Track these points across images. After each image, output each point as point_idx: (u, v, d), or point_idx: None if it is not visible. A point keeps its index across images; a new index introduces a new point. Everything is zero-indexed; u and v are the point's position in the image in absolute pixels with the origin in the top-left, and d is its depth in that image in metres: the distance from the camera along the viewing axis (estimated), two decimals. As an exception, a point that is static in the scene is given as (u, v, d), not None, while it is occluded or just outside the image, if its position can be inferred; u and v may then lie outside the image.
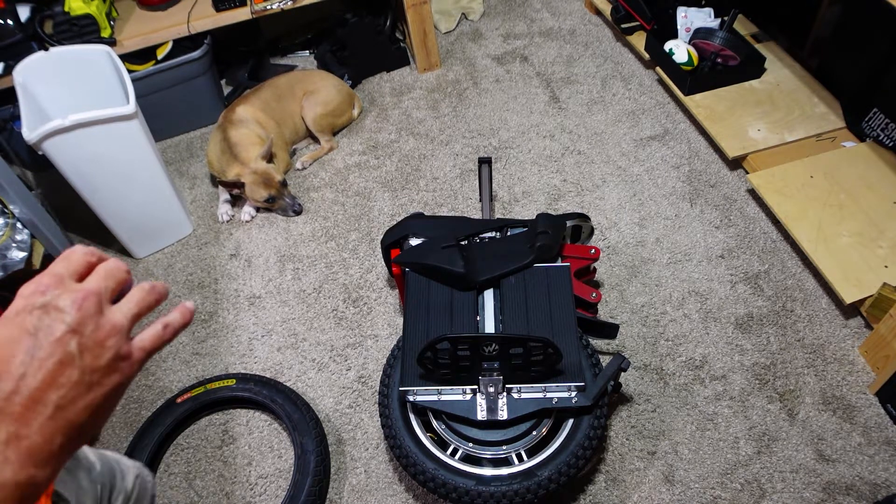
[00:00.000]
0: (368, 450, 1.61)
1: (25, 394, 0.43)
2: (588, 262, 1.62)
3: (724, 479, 1.48)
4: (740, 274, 1.84)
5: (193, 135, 2.54)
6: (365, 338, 1.83)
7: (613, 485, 1.49)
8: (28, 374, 0.44)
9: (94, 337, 0.46)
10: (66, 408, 0.45)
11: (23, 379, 0.43)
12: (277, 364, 1.81)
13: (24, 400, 0.43)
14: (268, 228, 2.17)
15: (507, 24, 2.77)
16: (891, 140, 1.94)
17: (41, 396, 0.44)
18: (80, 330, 0.46)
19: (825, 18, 2.15)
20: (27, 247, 1.86)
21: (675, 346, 1.71)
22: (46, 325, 0.45)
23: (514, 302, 1.46)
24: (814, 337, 1.69)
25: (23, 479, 0.42)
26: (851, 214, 1.80)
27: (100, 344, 0.47)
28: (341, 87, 2.40)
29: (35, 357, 0.44)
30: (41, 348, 0.44)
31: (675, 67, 2.23)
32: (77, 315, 0.46)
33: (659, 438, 1.55)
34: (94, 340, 0.46)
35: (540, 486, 1.29)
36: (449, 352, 1.29)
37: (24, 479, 0.42)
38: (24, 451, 0.42)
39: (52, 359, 0.44)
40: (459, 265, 1.49)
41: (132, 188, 1.95)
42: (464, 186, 2.17)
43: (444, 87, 2.54)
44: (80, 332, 0.46)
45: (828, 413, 1.56)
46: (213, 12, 2.30)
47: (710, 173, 2.10)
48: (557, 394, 1.35)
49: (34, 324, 0.45)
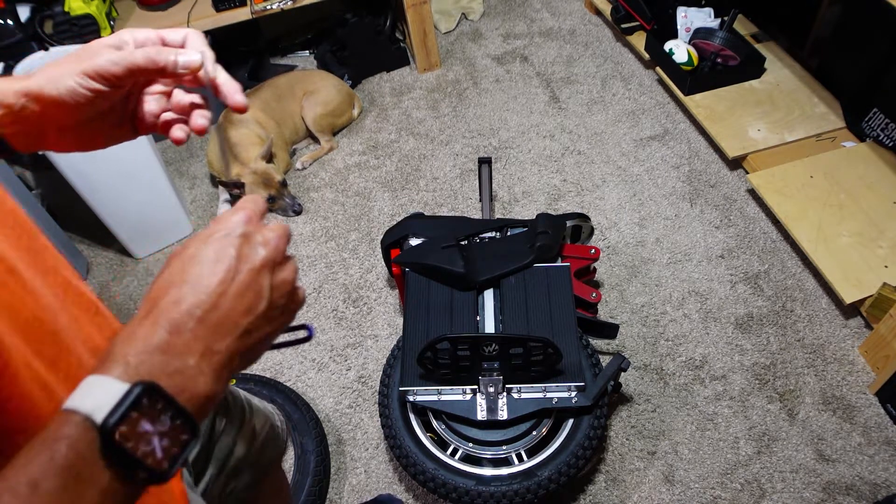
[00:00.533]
0: (368, 450, 1.61)
1: (222, 312, 0.45)
2: (588, 262, 1.61)
3: (724, 479, 1.48)
4: (740, 274, 1.84)
5: (193, 134, 2.54)
6: (365, 338, 1.83)
7: (613, 485, 1.49)
8: (227, 295, 0.46)
9: (282, 277, 0.49)
10: (251, 334, 0.47)
11: (222, 297, 0.45)
12: (277, 364, 1.81)
13: (220, 318, 0.45)
14: (268, 228, 2.16)
15: (507, 24, 2.77)
16: (891, 140, 1.94)
17: (235, 319, 0.46)
18: (273, 267, 0.49)
19: (825, 18, 2.15)
20: (27, 247, 1.86)
21: (675, 346, 1.71)
22: (247, 254, 0.48)
23: (514, 302, 1.46)
24: (814, 337, 1.69)
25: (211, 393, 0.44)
26: (851, 214, 1.80)
27: (284, 284, 0.50)
28: (341, 87, 2.40)
29: (235, 281, 0.46)
30: (241, 273, 0.47)
31: (675, 67, 2.23)
32: (273, 253, 0.49)
33: (659, 438, 1.55)
34: (280, 280, 0.49)
35: (540, 486, 1.29)
36: (449, 352, 1.29)
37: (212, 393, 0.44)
38: (214, 366, 0.44)
39: (250, 286, 0.47)
40: (459, 265, 1.49)
41: (132, 188, 1.95)
42: (464, 186, 2.17)
43: (444, 87, 2.54)
44: (273, 269, 0.49)
45: (828, 413, 1.56)
46: (212, 12, 2.30)
47: (710, 173, 2.10)
48: (557, 394, 1.35)
49: (237, 250, 0.47)
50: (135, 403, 0.39)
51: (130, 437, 0.39)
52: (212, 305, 0.45)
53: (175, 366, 0.42)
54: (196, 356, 0.43)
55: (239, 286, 0.46)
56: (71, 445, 0.38)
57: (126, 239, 2.06)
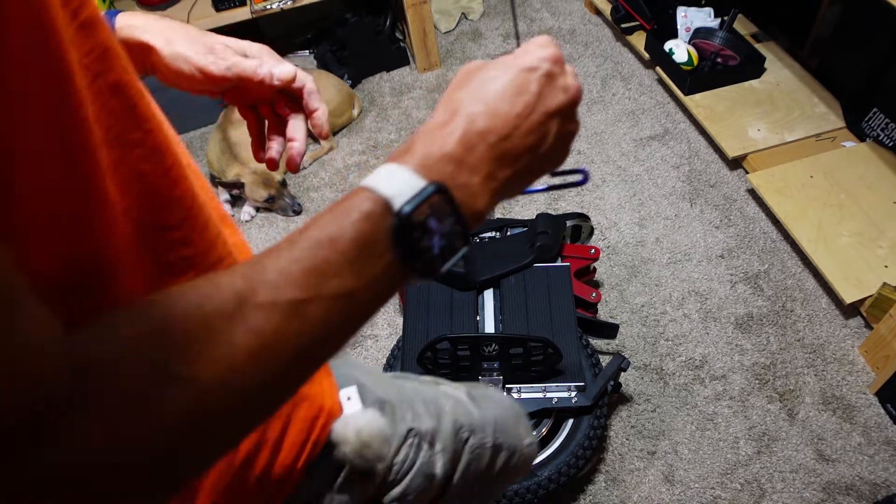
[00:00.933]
0: (368, 450, 1.61)
1: (510, 144, 0.46)
2: (588, 262, 1.61)
3: (724, 479, 1.48)
4: (740, 274, 1.84)
5: (193, 134, 2.54)
6: (365, 338, 1.83)
7: (613, 485, 1.49)
8: (519, 129, 0.46)
9: (566, 129, 0.49)
10: (525, 176, 0.48)
11: (515, 130, 0.46)
12: (277, 364, 1.80)
13: (507, 148, 0.46)
14: (268, 228, 2.16)
15: (507, 24, 2.77)
16: (891, 140, 1.94)
17: (517, 153, 0.46)
18: (565, 116, 0.49)
19: (825, 18, 2.15)
20: (27, 247, 1.86)
21: (674, 346, 1.71)
22: (546, 95, 0.47)
23: (514, 302, 1.46)
24: (814, 337, 1.69)
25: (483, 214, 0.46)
26: (851, 214, 1.80)
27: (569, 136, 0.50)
28: (341, 87, 2.40)
29: (529, 118, 0.46)
30: (536, 113, 0.47)
31: (675, 67, 2.23)
32: (569, 102, 0.48)
33: (659, 438, 1.55)
34: (566, 130, 0.49)
35: (540, 486, 1.29)
36: (449, 352, 1.29)
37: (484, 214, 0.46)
38: (491, 191, 0.45)
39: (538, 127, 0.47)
40: (459, 265, 1.49)
41: (132, 188, 1.94)
42: (464, 186, 2.17)
43: (444, 87, 2.54)
44: (564, 118, 0.49)
45: (828, 413, 1.56)
46: (212, 12, 2.30)
47: (709, 173, 2.10)
48: (557, 394, 1.35)
49: (539, 88, 0.47)
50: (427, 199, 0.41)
51: (417, 228, 0.41)
52: (504, 135, 0.45)
53: (462, 180, 0.44)
54: (480, 177, 0.45)
55: (530, 124, 0.47)
56: (366, 218, 0.40)
57: (126, 239, 2.06)
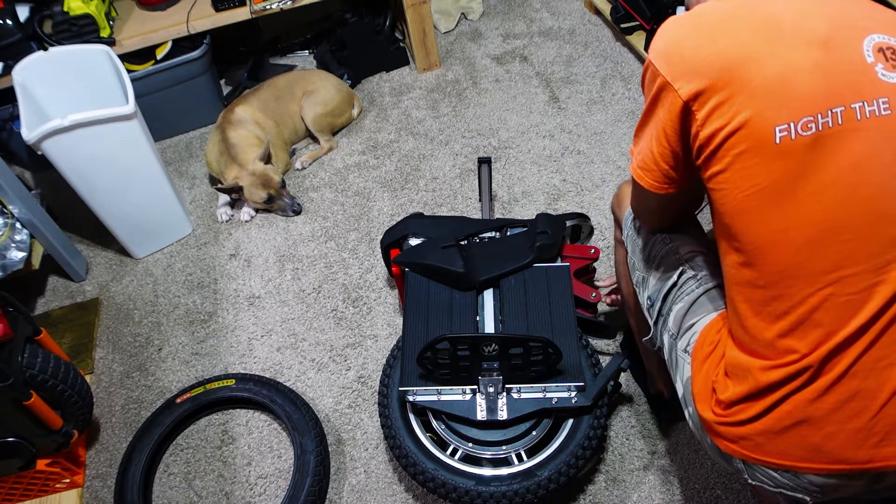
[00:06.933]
0: (368, 450, 1.61)
1: None
2: (588, 262, 1.61)
3: (725, 479, 1.48)
4: (740, 274, 1.83)
5: (193, 135, 2.54)
6: (364, 338, 1.83)
7: (613, 485, 1.49)
8: None
9: None
10: None
11: None
12: (277, 364, 1.81)
13: None
14: (267, 228, 2.16)
15: (507, 24, 2.77)
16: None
17: None
18: None
19: (825, 18, 2.15)
20: (26, 247, 1.86)
21: (674, 346, 1.71)
22: None
23: (514, 302, 1.46)
24: (814, 337, 1.69)
25: None
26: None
27: None
28: (341, 87, 2.40)
29: None
30: None
31: (675, 67, 2.22)
32: None
33: (659, 438, 1.55)
34: None
35: (540, 486, 1.29)
36: (449, 352, 1.29)
37: None
38: None
39: None
40: (459, 265, 1.49)
41: (131, 188, 1.95)
42: (463, 186, 2.17)
43: (444, 87, 2.54)
44: None
45: (828, 413, 1.56)
46: (212, 12, 2.30)
47: (709, 173, 2.10)
48: (557, 394, 1.35)
49: None
50: None
51: None
52: None
53: None
54: None
55: None
56: None
57: (125, 239, 2.06)
